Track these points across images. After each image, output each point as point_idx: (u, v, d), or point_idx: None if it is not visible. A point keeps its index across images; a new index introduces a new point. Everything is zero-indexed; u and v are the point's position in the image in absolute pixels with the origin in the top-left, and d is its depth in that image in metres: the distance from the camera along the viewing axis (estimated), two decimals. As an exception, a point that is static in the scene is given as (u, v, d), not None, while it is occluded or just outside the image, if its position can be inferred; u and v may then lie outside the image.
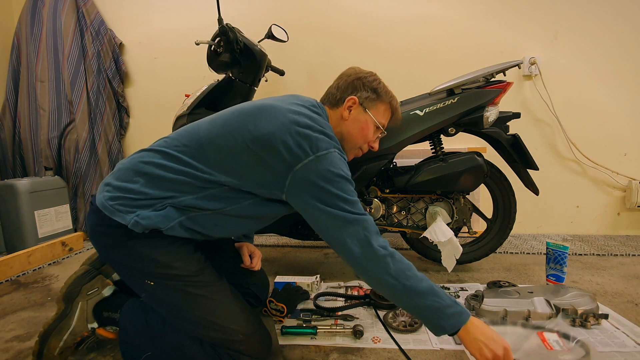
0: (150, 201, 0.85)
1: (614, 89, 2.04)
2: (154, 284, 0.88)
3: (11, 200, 2.02)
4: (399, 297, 0.84)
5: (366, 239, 0.83)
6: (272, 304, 1.17)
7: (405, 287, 0.82)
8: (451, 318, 0.81)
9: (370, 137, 1.06)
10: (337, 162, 0.86)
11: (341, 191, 0.84)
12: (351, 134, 1.04)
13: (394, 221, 1.52)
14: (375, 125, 1.05)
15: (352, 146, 1.06)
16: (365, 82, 1.05)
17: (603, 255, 1.79)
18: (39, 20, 2.40)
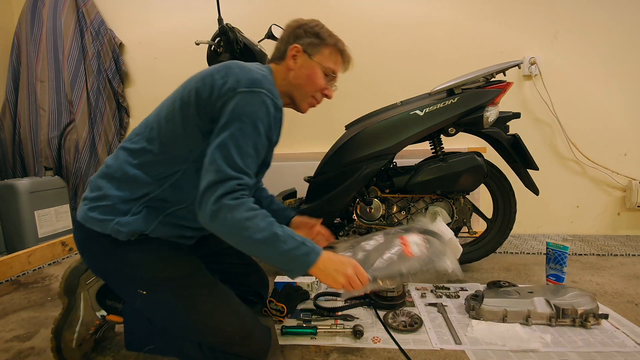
0: (125, 205, 0.85)
1: (614, 89, 2.04)
2: (147, 293, 0.87)
3: (11, 200, 2.02)
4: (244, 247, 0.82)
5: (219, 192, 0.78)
6: (272, 304, 1.17)
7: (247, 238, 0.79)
8: (299, 260, 0.82)
9: (321, 84, 1.03)
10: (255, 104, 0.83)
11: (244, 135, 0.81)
12: (300, 83, 1.01)
13: (394, 221, 1.52)
14: (323, 70, 1.02)
15: (304, 96, 1.03)
16: (306, 28, 1.02)
17: (603, 255, 1.79)
18: (39, 20, 2.40)
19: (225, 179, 0.78)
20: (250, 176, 0.83)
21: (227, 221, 0.77)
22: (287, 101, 1.05)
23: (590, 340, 1.02)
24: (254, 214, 0.79)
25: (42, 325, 1.23)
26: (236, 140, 0.81)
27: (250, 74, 0.86)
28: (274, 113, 0.87)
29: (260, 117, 0.83)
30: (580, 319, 1.09)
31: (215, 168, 0.79)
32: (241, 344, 0.88)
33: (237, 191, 0.79)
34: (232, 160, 0.80)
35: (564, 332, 1.06)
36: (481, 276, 1.54)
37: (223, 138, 0.81)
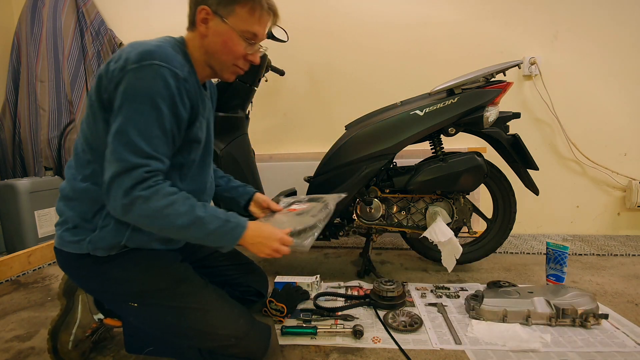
0: (89, 222, 0.83)
1: (614, 89, 2.04)
2: (138, 305, 0.86)
3: (11, 200, 2.02)
4: (169, 234, 0.81)
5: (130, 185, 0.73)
6: (272, 304, 1.17)
7: (169, 225, 0.77)
8: (226, 237, 0.82)
9: (240, 51, 0.88)
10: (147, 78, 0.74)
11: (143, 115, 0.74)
12: (216, 51, 0.88)
13: (394, 221, 1.52)
14: (241, 35, 0.86)
15: (223, 65, 0.90)
16: None
17: (603, 255, 1.79)
18: (39, 20, 2.40)
19: (130, 168, 0.72)
20: (160, 160, 0.77)
21: (143, 212, 0.74)
22: (209, 71, 0.93)
23: (590, 340, 1.02)
24: (172, 199, 0.75)
25: (42, 325, 1.23)
26: (135, 123, 0.73)
27: (140, 47, 0.76)
28: (175, 84, 0.77)
29: (157, 92, 0.75)
30: (580, 319, 1.09)
31: (117, 157, 0.73)
32: (238, 346, 0.87)
33: (147, 179, 0.74)
34: (135, 146, 0.73)
35: (564, 332, 1.06)
36: (481, 276, 1.54)
37: (120, 123, 0.73)
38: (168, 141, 0.79)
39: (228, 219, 0.82)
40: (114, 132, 0.74)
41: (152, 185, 0.74)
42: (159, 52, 0.77)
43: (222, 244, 0.83)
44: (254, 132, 1.82)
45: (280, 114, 2.31)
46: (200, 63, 0.90)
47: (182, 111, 0.81)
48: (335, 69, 2.22)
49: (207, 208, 0.81)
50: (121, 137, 0.73)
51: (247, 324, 0.91)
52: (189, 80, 0.82)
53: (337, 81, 2.24)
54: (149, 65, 0.74)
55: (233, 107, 1.59)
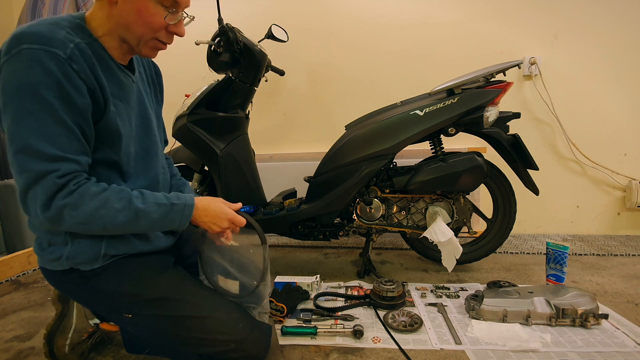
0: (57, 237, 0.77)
1: (613, 89, 2.04)
2: (132, 317, 0.83)
3: (11, 200, 2.02)
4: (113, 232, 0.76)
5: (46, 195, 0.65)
6: (272, 304, 1.17)
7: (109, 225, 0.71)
8: (176, 220, 0.78)
9: (159, 20, 0.74)
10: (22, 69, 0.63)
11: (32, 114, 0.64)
12: (129, 23, 0.74)
13: (394, 221, 1.52)
14: (157, 2, 0.73)
15: (140, 38, 0.76)
16: None
17: (603, 255, 1.79)
18: (39, 20, 2.40)
19: (38, 177, 0.64)
20: (71, 160, 0.67)
21: (75, 219, 0.67)
22: (125, 47, 0.79)
23: (590, 340, 1.02)
24: (103, 198, 0.69)
25: (42, 325, 1.23)
26: (26, 124, 0.63)
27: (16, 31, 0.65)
28: (56, 67, 0.64)
29: (38, 82, 0.63)
30: (580, 319, 1.09)
31: (20, 169, 0.64)
32: (238, 350, 0.84)
33: (65, 185, 0.65)
34: (35, 152, 0.63)
35: (564, 332, 1.06)
36: (481, 276, 1.55)
37: (10, 129, 0.64)
38: (74, 135, 0.68)
39: (172, 202, 0.77)
40: (8, 140, 0.65)
41: (74, 189, 0.67)
42: (30, 33, 0.64)
43: (172, 228, 0.80)
44: (254, 132, 1.82)
45: (280, 114, 2.31)
46: (113, 37, 0.76)
47: (77, 97, 0.68)
48: (335, 69, 2.22)
49: (145, 196, 0.75)
50: (16, 144, 0.64)
51: (247, 327, 0.87)
52: (76, 59, 0.67)
53: (337, 81, 2.24)
54: (19, 52, 0.63)
55: (233, 107, 1.59)
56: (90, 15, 0.75)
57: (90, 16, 0.75)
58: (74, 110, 0.68)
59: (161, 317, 0.82)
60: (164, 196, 0.79)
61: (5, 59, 0.64)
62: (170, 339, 0.85)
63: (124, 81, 0.81)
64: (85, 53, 0.70)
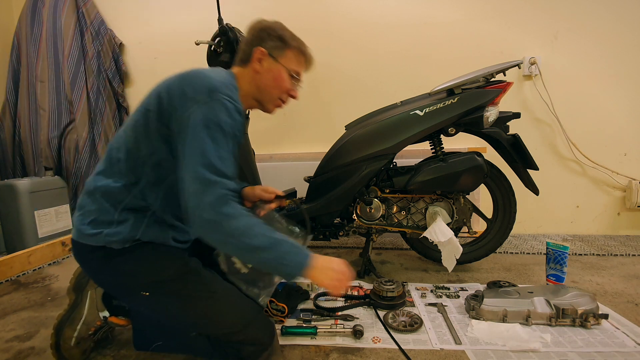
0: (106, 216, 0.87)
1: (614, 89, 2.04)
2: (149, 295, 0.89)
3: (11, 200, 2.02)
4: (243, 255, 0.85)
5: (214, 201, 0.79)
6: (273, 304, 1.17)
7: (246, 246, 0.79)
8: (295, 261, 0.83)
9: (287, 86, 1.04)
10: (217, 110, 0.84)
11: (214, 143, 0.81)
12: (267, 86, 1.02)
13: (394, 221, 1.52)
14: (288, 73, 1.03)
15: (271, 98, 1.05)
16: (270, 31, 1.02)
17: (603, 255, 1.79)
18: (39, 20, 2.40)
19: (210, 184, 0.78)
20: (232, 179, 0.83)
21: (228, 230, 0.78)
22: (254, 104, 1.06)
23: (590, 340, 1.02)
24: (251, 221, 0.80)
25: (42, 325, 1.23)
26: (209, 146, 0.81)
27: (207, 81, 0.87)
28: (238, 117, 0.88)
29: (225, 122, 0.84)
30: (580, 319, 1.09)
31: (196, 176, 0.79)
32: (245, 332, 0.91)
33: (227, 197, 0.79)
34: (211, 166, 0.79)
35: (564, 332, 1.06)
36: (481, 276, 1.54)
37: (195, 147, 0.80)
38: (233, 162, 0.87)
39: (296, 245, 0.85)
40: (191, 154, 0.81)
41: (233, 204, 0.80)
42: (224, 88, 0.87)
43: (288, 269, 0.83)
44: (254, 132, 1.82)
45: (280, 114, 2.30)
46: (247, 96, 1.03)
47: (239, 136, 0.93)
48: (335, 69, 2.22)
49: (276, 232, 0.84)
50: (198, 158, 0.80)
51: (253, 311, 0.94)
52: (243, 114, 0.94)
53: (337, 81, 2.24)
54: (218, 100, 0.84)
55: (233, 107, 1.59)
56: (238, 75, 1.02)
57: (238, 76, 1.02)
58: (236, 145, 0.91)
59: (175, 296, 0.89)
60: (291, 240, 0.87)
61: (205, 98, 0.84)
62: (181, 320, 0.92)
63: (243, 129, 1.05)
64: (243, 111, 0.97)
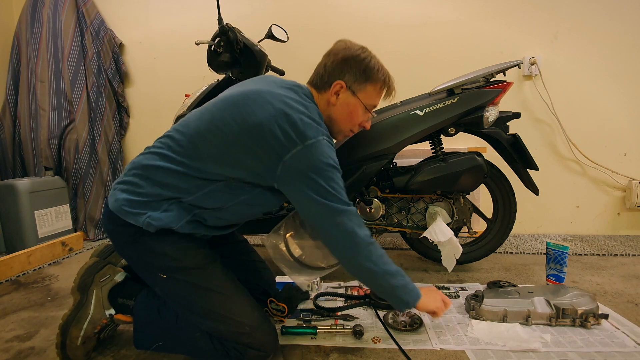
0: (157, 203, 0.88)
1: (614, 89, 2.04)
2: (167, 277, 0.91)
3: (11, 200, 2.02)
4: (377, 280, 0.92)
5: (352, 229, 0.88)
6: (273, 304, 1.17)
7: (383, 271, 0.90)
8: (412, 293, 0.96)
9: (360, 120, 1.03)
10: (326, 151, 0.86)
11: (330, 181, 0.86)
12: (340, 119, 1.01)
13: (394, 221, 1.52)
14: (364, 107, 1.01)
15: (341, 130, 1.04)
16: (353, 63, 0.97)
17: (603, 255, 1.79)
18: (39, 20, 2.40)
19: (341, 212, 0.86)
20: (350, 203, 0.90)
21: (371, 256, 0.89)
22: None
23: (590, 340, 1.02)
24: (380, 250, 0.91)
25: (42, 325, 1.23)
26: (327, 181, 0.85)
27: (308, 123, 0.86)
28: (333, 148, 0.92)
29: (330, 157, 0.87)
30: (580, 319, 1.09)
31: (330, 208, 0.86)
32: (250, 335, 0.91)
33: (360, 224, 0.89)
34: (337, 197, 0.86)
35: (564, 332, 1.06)
36: (481, 276, 1.54)
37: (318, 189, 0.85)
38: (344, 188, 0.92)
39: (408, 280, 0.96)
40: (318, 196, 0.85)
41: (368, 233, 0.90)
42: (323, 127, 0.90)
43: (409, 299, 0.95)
44: (254, 132, 1.82)
45: (280, 114, 2.30)
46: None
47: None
48: (335, 69, 2.22)
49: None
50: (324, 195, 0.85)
51: (261, 317, 0.95)
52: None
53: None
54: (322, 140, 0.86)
55: (233, 107, 1.59)
56: (317, 100, 1.00)
57: (317, 100, 1.00)
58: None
59: (191, 285, 0.91)
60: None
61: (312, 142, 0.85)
62: (192, 309, 0.92)
63: None
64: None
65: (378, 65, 0.99)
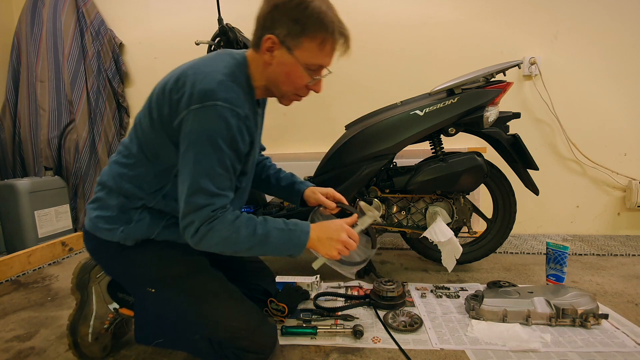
0: (127, 214, 0.87)
1: (614, 89, 2.04)
2: (155, 291, 0.90)
3: (11, 200, 2.02)
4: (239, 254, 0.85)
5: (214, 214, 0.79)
6: (273, 304, 1.17)
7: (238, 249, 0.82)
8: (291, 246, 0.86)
9: (303, 82, 0.85)
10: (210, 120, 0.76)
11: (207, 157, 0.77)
12: (278, 81, 0.86)
13: (394, 221, 1.52)
14: (306, 67, 0.83)
15: (283, 94, 0.89)
16: (284, 10, 0.78)
17: (603, 255, 1.79)
18: (39, 20, 2.40)
19: (199, 209, 0.78)
20: (224, 196, 0.81)
21: (213, 241, 0.79)
22: (269, 93, 0.93)
23: (590, 340, 1.02)
24: (235, 226, 0.80)
25: (42, 325, 1.23)
26: (200, 165, 0.77)
27: (203, 83, 0.76)
28: (236, 124, 0.78)
29: (218, 133, 0.76)
30: (580, 319, 1.09)
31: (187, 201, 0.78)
32: (248, 339, 0.90)
33: (213, 218, 0.78)
34: (201, 189, 0.77)
35: (564, 332, 1.06)
36: (481, 276, 1.54)
37: (187, 166, 0.78)
38: (230, 176, 0.82)
39: (289, 228, 0.86)
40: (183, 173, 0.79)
41: (218, 216, 0.79)
42: (222, 91, 0.76)
43: (290, 252, 0.87)
44: (254, 132, 1.82)
45: (280, 114, 2.30)
46: (260, 86, 0.89)
47: (242, 147, 0.83)
48: (335, 69, 2.21)
49: (268, 223, 0.84)
50: (188, 180, 0.78)
51: (258, 319, 0.94)
52: (249, 116, 0.83)
53: (337, 81, 2.23)
54: (212, 106, 0.75)
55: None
56: (250, 61, 0.87)
57: (250, 61, 0.87)
58: (236, 156, 0.82)
59: (181, 295, 0.89)
60: (282, 222, 0.87)
61: (197, 107, 0.75)
62: (185, 319, 0.91)
63: (259, 122, 0.96)
64: (252, 110, 0.86)
65: (319, 13, 0.78)
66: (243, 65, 0.86)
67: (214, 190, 0.78)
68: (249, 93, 0.87)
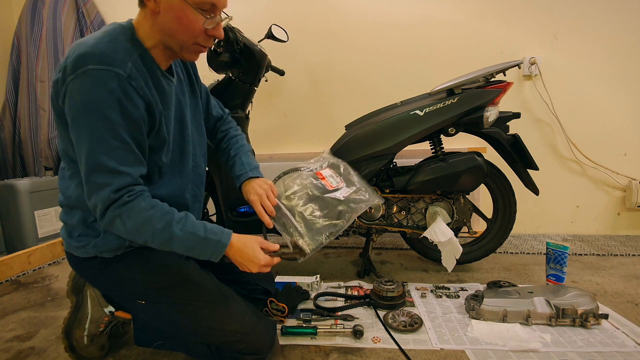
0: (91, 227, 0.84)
1: (614, 89, 2.04)
2: (145, 302, 0.88)
3: (11, 200, 2.02)
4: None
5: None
6: (273, 304, 1.17)
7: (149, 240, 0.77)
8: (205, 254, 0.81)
9: (198, 27, 0.77)
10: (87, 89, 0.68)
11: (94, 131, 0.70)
12: (171, 30, 0.77)
13: (394, 221, 1.52)
14: (196, 7, 0.74)
15: (182, 45, 0.79)
16: None
17: (603, 255, 1.79)
18: (39, 20, 2.40)
19: (98, 189, 0.71)
20: (126, 174, 0.73)
21: (123, 229, 0.75)
22: (169, 54, 0.83)
23: (590, 340, 1.02)
24: (148, 216, 0.74)
25: (42, 325, 1.23)
26: (90, 140, 0.70)
27: (76, 50, 0.69)
28: (118, 86, 0.70)
29: (101, 101, 0.68)
30: (580, 319, 1.09)
31: (86, 180, 0.73)
32: (244, 341, 0.89)
33: (119, 198, 0.72)
34: (97, 165, 0.70)
35: (564, 332, 1.06)
36: (481, 276, 1.54)
37: (79, 144, 0.71)
38: (130, 148, 0.73)
39: (207, 237, 0.79)
40: (79, 157, 0.73)
41: (128, 200, 0.73)
42: (94, 53, 0.69)
43: (202, 258, 0.82)
44: (254, 132, 1.82)
45: (280, 114, 2.31)
46: (158, 45, 0.80)
47: (134, 112, 0.73)
48: (335, 69, 2.22)
49: (186, 223, 0.78)
50: (82, 157, 0.72)
51: (253, 320, 0.93)
52: (134, 76, 0.73)
53: (337, 81, 2.24)
54: (85, 72, 0.68)
55: (233, 107, 1.58)
56: (137, 24, 0.80)
57: (137, 24, 0.80)
58: (132, 124, 0.73)
59: (172, 305, 0.87)
60: (202, 227, 0.80)
61: (72, 77, 0.68)
62: (179, 328, 0.90)
63: (166, 88, 0.84)
64: (140, 69, 0.76)
65: None
66: (127, 28, 0.79)
67: (113, 166, 0.71)
68: (139, 54, 0.77)
